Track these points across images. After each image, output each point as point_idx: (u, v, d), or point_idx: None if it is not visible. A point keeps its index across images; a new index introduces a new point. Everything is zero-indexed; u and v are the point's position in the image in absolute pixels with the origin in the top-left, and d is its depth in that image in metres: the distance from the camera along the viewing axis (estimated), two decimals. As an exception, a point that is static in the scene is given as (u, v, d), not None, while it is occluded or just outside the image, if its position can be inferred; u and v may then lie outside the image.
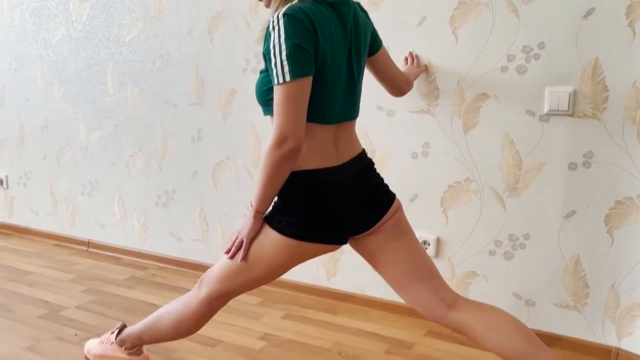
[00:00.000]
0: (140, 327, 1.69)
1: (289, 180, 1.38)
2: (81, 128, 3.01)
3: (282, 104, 1.28)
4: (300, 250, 1.41)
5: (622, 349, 1.84)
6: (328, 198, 1.38)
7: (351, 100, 1.46)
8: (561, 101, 1.85)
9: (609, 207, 1.83)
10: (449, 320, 1.46)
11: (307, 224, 1.39)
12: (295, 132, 1.29)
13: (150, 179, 2.82)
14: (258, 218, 1.44)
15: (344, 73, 1.41)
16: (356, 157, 1.47)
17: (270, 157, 1.31)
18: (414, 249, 1.51)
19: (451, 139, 2.06)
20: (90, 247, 3.08)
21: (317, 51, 1.31)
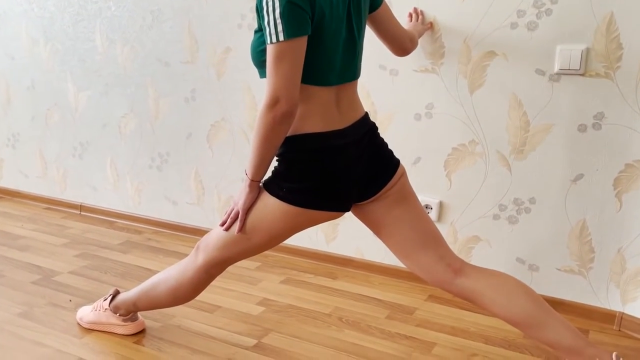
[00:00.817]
0: (135, 293, 1.65)
1: (291, 144, 1.31)
2: (70, 88, 2.90)
3: (275, 64, 1.22)
4: (302, 217, 1.36)
5: (626, 313, 1.82)
6: (332, 163, 1.32)
7: (352, 60, 1.38)
8: (573, 60, 1.77)
9: (618, 170, 1.77)
10: (456, 286, 1.42)
11: (310, 190, 1.33)
12: (288, 93, 1.22)
13: (143, 141, 2.73)
14: (254, 187, 1.38)
15: (344, 31, 1.33)
16: (359, 120, 1.41)
17: (263, 120, 1.25)
18: (418, 216, 1.46)
19: (456, 100, 1.98)
20: (82, 211, 3.02)
21: (314, 8, 1.23)
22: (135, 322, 1.73)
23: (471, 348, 1.71)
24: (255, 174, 1.36)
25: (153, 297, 1.61)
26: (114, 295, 1.73)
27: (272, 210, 1.36)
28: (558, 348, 1.35)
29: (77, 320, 1.79)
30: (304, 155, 1.32)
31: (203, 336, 1.74)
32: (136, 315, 1.74)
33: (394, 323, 1.86)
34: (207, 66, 2.45)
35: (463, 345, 1.73)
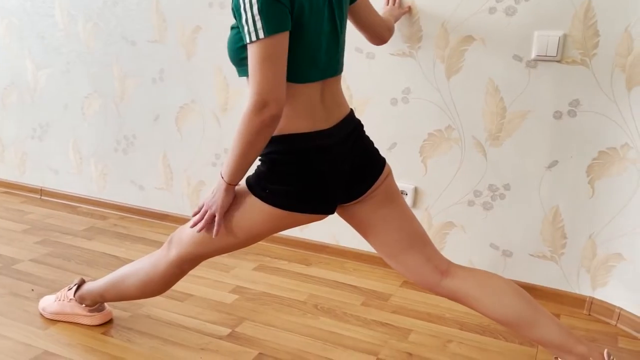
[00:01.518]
0: (102, 284, 1.58)
1: (275, 145, 1.25)
2: (28, 65, 2.75)
3: (257, 64, 1.15)
4: (286, 220, 1.31)
5: (596, 298, 1.85)
6: (317, 164, 1.27)
7: (335, 55, 1.32)
8: (550, 46, 1.76)
9: (591, 158, 1.79)
10: (443, 288, 1.39)
11: (294, 192, 1.27)
12: (275, 95, 1.16)
13: (108, 123, 2.62)
14: (230, 191, 1.32)
15: (325, 24, 1.27)
16: (345, 118, 1.35)
17: (250, 124, 1.18)
18: (404, 216, 1.41)
19: (433, 85, 1.95)
20: (43, 195, 2.89)
21: (293, 3, 1.17)
22: (102, 313, 1.66)
23: (447, 334, 1.71)
24: (234, 178, 1.30)
25: (121, 290, 1.54)
26: (79, 285, 1.65)
27: (254, 210, 1.31)
28: (549, 346, 1.33)
29: (40, 311, 1.71)
30: (288, 157, 1.26)
31: (174, 326, 1.68)
32: (103, 305, 1.67)
33: (370, 310, 1.85)
34: (176, 45, 2.36)
35: (439, 331, 1.73)
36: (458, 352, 1.61)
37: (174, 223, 2.55)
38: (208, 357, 1.49)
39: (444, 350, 1.62)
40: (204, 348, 1.57)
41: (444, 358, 1.58)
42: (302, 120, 1.26)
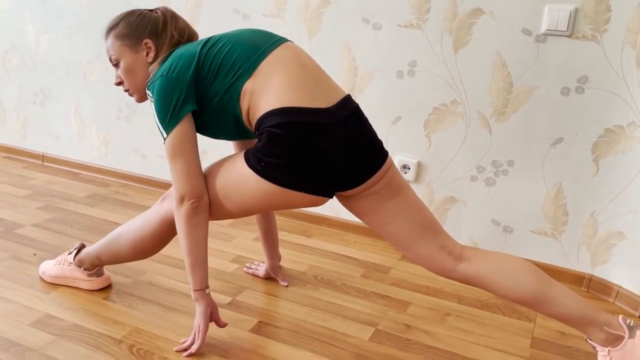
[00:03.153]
0: (98, 246, 1.59)
1: (273, 117, 1.23)
2: (29, 29, 2.71)
3: (169, 161, 1.31)
4: (278, 198, 1.29)
5: (595, 276, 1.86)
6: (315, 141, 1.24)
7: (265, 35, 1.37)
8: (561, 20, 1.73)
9: (597, 135, 1.78)
10: (458, 273, 1.36)
11: (290, 168, 1.25)
12: (189, 189, 1.30)
13: (110, 89, 2.60)
14: (200, 297, 1.38)
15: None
16: (343, 99, 1.32)
17: (178, 218, 1.33)
18: (412, 207, 1.37)
19: (440, 58, 1.93)
20: (45, 161, 2.89)
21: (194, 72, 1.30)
22: (101, 277, 1.67)
23: (445, 307, 1.73)
24: (194, 281, 1.37)
25: (115, 250, 1.55)
26: (79, 249, 1.66)
27: (247, 182, 1.29)
28: (569, 321, 1.31)
29: (40, 274, 1.72)
30: (285, 130, 1.23)
31: (176, 293, 1.70)
32: (102, 270, 1.68)
33: (369, 282, 1.86)
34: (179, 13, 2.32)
35: (437, 304, 1.74)
36: (456, 325, 1.62)
37: (175, 192, 2.55)
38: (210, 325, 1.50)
39: (442, 322, 1.64)
40: (204, 315, 1.59)
41: (442, 330, 1.59)
42: (299, 94, 1.25)
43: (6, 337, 1.41)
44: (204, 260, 1.36)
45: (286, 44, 1.34)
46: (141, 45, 1.40)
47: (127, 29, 1.41)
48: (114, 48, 1.43)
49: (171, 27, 1.41)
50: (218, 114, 1.33)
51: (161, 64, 1.36)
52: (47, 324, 1.49)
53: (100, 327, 1.49)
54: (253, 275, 1.85)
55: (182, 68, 1.28)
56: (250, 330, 1.53)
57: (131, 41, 1.40)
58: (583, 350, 1.54)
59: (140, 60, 1.41)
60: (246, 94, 1.28)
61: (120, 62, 1.43)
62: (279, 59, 1.29)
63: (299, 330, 1.54)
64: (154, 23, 1.41)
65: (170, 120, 1.28)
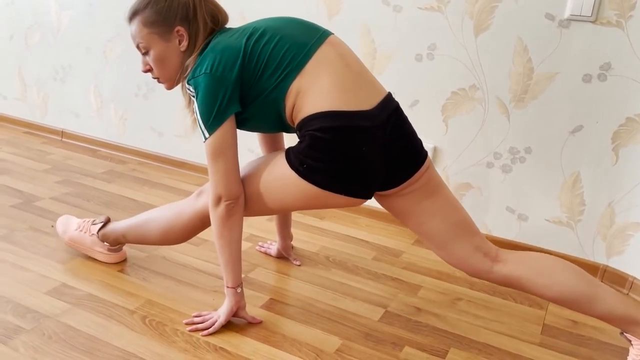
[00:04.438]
0: (125, 225, 1.60)
1: (316, 121, 1.22)
2: (51, 5, 2.74)
3: (209, 162, 1.30)
4: (319, 199, 1.28)
5: (610, 266, 1.84)
6: (358, 145, 1.23)
7: (308, 24, 1.34)
8: (585, 5, 1.70)
9: (618, 124, 1.75)
10: (495, 274, 1.34)
11: (331, 171, 1.24)
12: (227, 191, 1.30)
13: (129, 67, 2.62)
14: (230, 294, 1.40)
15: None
16: (384, 99, 1.30)
17: (213, 218, 1.34)
18: (448, 207, 1.35)
19: (460, 42, 1.91)
20: (64, 137, 2.93)
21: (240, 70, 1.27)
22: (118, 253, 1.70)
23: (456, 292, 1.72)
24: (227, 278, 1.39)
25: (143, 233, 1.56)
26: (105, 223, 1.67)
27: (288, 182, 1.28)
28: (611, 320, 1.28)
29: (57, 227, 1.73)
30: (328, 134, 1.22)
31: (189, 268, 1.72)
32: (120, 247, 1.70)
33: (381, 265, 1.86)
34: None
35: (448, 289, 1.74)
36: (466, 310, 1.62)
37: (192, 171, 2.57)
38: (220, 299, 1.52)
39: (453, 307, 1.63)
40: (216, 290, 1.60)
41: (452, 314, 1.59)
42: (343, 97, 1.23)
43: (23, 304, 1.44)
44: (237, 259, 1.37)
45: (330, 40, 1.31)
46: (172, 33, 1.32)
47: (156, 15, 1.31)
48: (141, 35, 1.34)
49: (202, 11, 1.32)
50: (261, 111, 1.30)
51: (199, 55, 1.30)
52: (63, 292, 1.51)
53: (115, 298, 1.51)
54: (265, 253, 1.86)
55: (227, 65, 1.24)
56: (262, 307, 1.54)
57: (161, 29, 1.32)
58: (595, 339, 1.53)
59: (173, 49, 1.33)
60: (292, 93, 1.26)
61: (150, 50, 1.35)
62: (324, 59, 1.27)
63: (309, 308, 1.55)
64: (184, 8, 1.31)
65: (213, 121, 1.25)
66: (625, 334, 1.30)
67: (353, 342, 1.42)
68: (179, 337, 1.37)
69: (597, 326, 1.59)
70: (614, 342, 1.52)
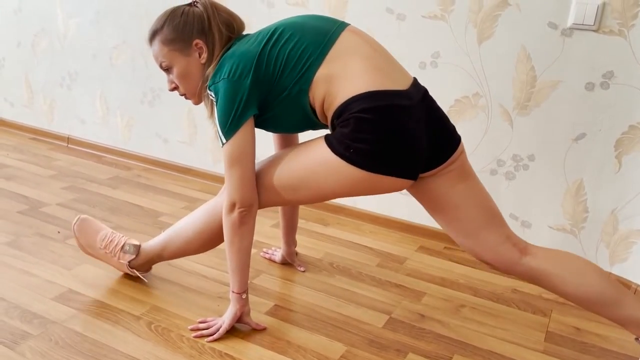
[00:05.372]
0: (159, 244, 1.55)
1: (358, 103, 1.21)
2: (58, 13, 2.77)
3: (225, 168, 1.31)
4: (365, 183, 1.26)
5: (614, 274, 1.85)
6: (403, 123, 1.22)
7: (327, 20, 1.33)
8: (588, 14, 1.71)
9: (621, 132, 1.76)
10: (523, 266, 1.33)
11: (380, 152, 1.22)
12: (241, 198, 1.31)
13: (135, 74, 2.64)
14: (237, 299, 1.41)
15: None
16: (414, 82, 1.31)
17: (225, 224, 1.35)
18: (482, 193, 1.36)
19: (464, 50, 1.92)
20: (70, 144, 2.95)
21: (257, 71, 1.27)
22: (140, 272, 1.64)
23: (460, 299, 1.73)
24: (233, 284, 1.40)
25: (180, 244, 1.51)
26: (137, 254, 1.58)
27: (332, 169, 1.25)
28: (630, 324, 1.28)
29: (76, 232, 1.61)
30: (373, 115, 1.20)
31: (194, 274, 1.73)
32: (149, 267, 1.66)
33: (385, 271, 1.87)
34: None
35: (452, 296, 1.75)
36: (470, 317, 1.63)
37: (196, 177, 2.59)
38: (225, 305, 1.53)
39: (457, 313, 1.64)
40: (221, 297, 1.62)
41: (456, 321, 1.60)
42: (378, 79, 1.23)
43: (29, 309, 1.46)
44: (245, 266, 1.38)
45: (350, 28, 1.32)
46: (192, 47, 1.34)
47: (174, 32, 1.34)
48: (163, 54, 1.36)
49: (216, 21, 1.33)
50: (286, 108, 1.30)
51: (219, 63, 1.30)
52: (70, 298, 1.53)
53: (121, 304, 1.52)
54: (269, 260, 1.87)
55: (245, 70, 1.24)
56: (266, 313, 1.55)
57: (180, 45, 1.34)
58: (598, 347, 1.53)
59: (194, 62, 1.35)
60: (319, 82, 1.25)
61: (172, 67, 1.37)
62: (350, 44, 1.27)
63: (313, 314, 1.56)
64: (199, 21, 1.33)
65: (230, 126, 1.25)
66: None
67: (357, 348, 1.42)
68: (184, 343, 1.38)
69: (600, 334, 1.59)
70: (618, 350, 1.52)
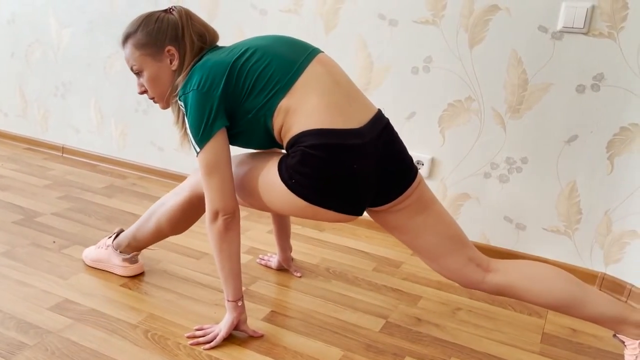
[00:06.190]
0: (133, 227, 1.66)
1: (308, 137, 1.24)
2: (52, 23, 2.77)
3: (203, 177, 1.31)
4: (307, 211, 1.30)
5: (608, 274, 1.86)
6: (347, 163, 1.25)
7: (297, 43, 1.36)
8: (577, 18, 1.73)
9: (612, 133, 1.77)
10: (488, 284, 1.36)
11: (320, 187, 1.26)
12: (223, 206, 1.31)
13: (129, 83, 2.64)
14: (231, 308, 1.41)
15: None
16: (374, 117, 1.32)
17: (211, 233, 1.34)
18: (441, 222, 1.37)
19: (455, 54, 1.94)
20: (64, 153, 2.95)
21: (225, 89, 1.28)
22: (135, 265, 1.71)
23: (456, 302, 1.73)
24: (227, 292, 1.40)
25: (151, 225, 1.60)
26: (117, 233, 1.72)
27: (278, 192, 1.30)
28: (604, 321, 1.31)
29: (83, 258, 1.78)
30: (318, 151, 1.23)
31: (190, 282, 1.73)
32: (136, 257, 1.72)
33: (381, 275, 1.87)
34: (195, 9, 2.35)
35: (448, 299, 1.75)
36: (466, 320, 1.63)
37: (191, 185, 2.59)
38: (222, 312, 1.53)
39: (453, 317, 1.64)
40: (217, 304, 1.62)
41: (452, 324, 1.60)
42: (333, 115, 1.25)
43: (26, 320, 1.45)
44: (237, 273, 1.38)
45: (319, 58, 1.33)
46: (163, 53, 1.36)
47: (147, 37, 1.35)
48: (134, 58, 1.38)
49: (189, 31, 1.35)
50: (251, 128, 1.32)
51: (189, 72, 1.32)
52: (66, 308, 1.53)
53: (117, 313, 1.52)
54: (265, 266, 1.87)
55: (215, 81, 1.26)
56: (263, 319, 1.55)
57: (152, 50, 1.36)
58: (594, 347, 1.54)
59: (164, 68, 1.37)
60: (280, 112, 1.27)
61: (143, 71, 1.39)
62: (313, 77, 1.29)
63: (310, 320, 1.56)
64: (173, 28, 1.35)
65: (202, 136, 1.27)
66: (617, 336, 1.33)
67: (354, 353, 1.43)
68: (181, 351, 1.38)
69: (596, 334, 1.60)
70: (613, 350, 1.53)
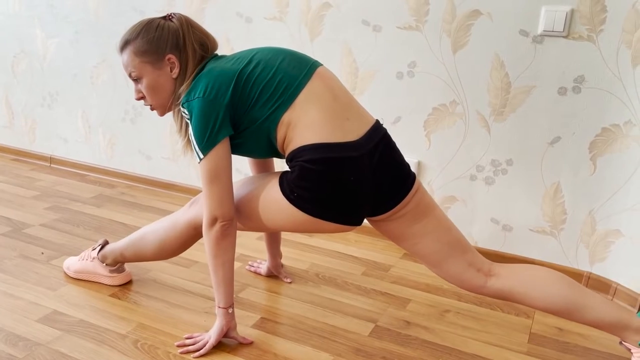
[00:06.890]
0: (123, 243, 1.64)
1: (307, 152, 1.27)
2: (38, 34, 2.77)
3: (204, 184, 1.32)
4: (309, 225, 1.33)
5: (594, 273, 1.88)
6: (345, 175, 1.27)
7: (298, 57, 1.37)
8: (557, 21, 1.76)
9: (594, 134, 1.80)
10: (489, 289, 1.38)
11: (320, 200, 1.29)
12: (222, 213, 1.31)
13: (116, 93, 2.65)
14: (223, 314, 1.41)
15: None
16: (372, 128, 1.34)
17: (207, 239, 1.35)
18: (440, 228, 1.39)
19: (439, 59, 1.96)
20: (52, 163, 2.94)
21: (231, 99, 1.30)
22: (122, 274, 1.71)
23: (444, 305, 1.75)
24: (219, 298, 1.40)
25: (140, 248, 1.58)
26: (103, 245, 1.70)
27: (280, 207, 1.32)
28: (605, 326, 1.32)
29: (64, 269, 1.76)
30: (317, 165, 1.26)
31: (180, 290, 1.73)
32: (123, 266, 1.72)
33: (370, 280, 1.89)
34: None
35: (437, 301, 1.77)
36: (455, 322, 1.65)
37: (180, 192, 2.59)
38: (211, 320, 1.54)
39: (442, 319, 1.66)
40: (207, 312, 1.62)
41: (441, 327, 1.62)
42: (331, 130, 1.28)
43: (14, 332, 1.45)
44: (229, 280, 1.39)
45: (319, 72, 1.35)
46: (164, 61, 1.35)
47: (147, 44, 1.34)
48: (133, 65, 1.37)
49: (190, 39, 1.35)
50: (255, 137, 1.33)
51: (194, 80, 1.33)
52: (54, 319, 1.52)
53: (106, 323, 1.52)
54: (255, 273, 1.88)
55: (221, 89, 1.27)
56: (253, 326, 1.56)
57: (153, 58, 1.35)
58: (580, 346, 1.56)
59: (164, 76, 1.36)
60: (283, 125, 1.29)
61: (142, 78, 1.38)
62: (313, 92, 1.31)
63: (299, 326, 1.57)
64: (174, 36, 1.34)
65: (207, 143, 1.28)
66: (624, 343, 1.34)
67: (344, 357, 1.43)
68: (171, 360, 1.38)
69: (582, 333, 1.62)
70: (599, 349, 1.55)
